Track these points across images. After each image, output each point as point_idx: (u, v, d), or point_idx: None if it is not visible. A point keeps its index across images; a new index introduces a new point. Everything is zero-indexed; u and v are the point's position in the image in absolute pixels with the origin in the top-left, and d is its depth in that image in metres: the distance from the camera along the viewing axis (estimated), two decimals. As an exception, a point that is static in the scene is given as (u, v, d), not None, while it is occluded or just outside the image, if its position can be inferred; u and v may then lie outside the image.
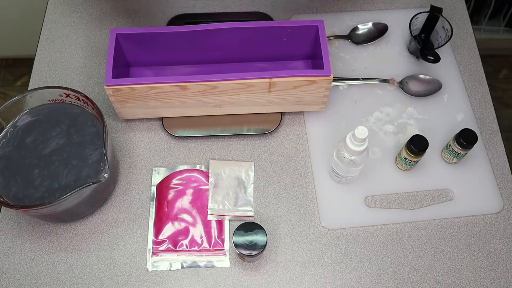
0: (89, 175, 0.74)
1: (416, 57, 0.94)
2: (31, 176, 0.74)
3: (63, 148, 0.76)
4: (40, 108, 0.79)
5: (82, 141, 0.77)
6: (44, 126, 0.78)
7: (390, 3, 1.02)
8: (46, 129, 0.78)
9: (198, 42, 0.84)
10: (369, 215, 0.81)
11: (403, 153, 0.81)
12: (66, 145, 0.77)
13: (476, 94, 0.92)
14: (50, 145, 0.77)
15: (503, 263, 0.79)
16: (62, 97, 0.78)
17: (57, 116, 0.79)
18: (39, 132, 0.78)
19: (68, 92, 0.77)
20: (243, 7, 1.00)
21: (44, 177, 0.74)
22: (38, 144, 0.77)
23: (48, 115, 0.79)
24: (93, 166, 0.75)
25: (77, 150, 0.76)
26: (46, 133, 0.78)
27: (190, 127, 0.87)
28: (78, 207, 0.76)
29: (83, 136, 0.77)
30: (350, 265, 0.78)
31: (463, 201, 0.82)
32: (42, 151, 0.76)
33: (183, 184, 0.83)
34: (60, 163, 0.75)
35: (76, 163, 0.75)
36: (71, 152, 0.76)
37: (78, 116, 0.79)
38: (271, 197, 0.83)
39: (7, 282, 0.76)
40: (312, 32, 0.83)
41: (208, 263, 0.78)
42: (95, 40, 0.96)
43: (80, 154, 0.76)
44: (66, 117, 0.79)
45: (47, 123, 0.78)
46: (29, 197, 0.73)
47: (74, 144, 0.77)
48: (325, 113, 0.89)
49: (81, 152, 0.76)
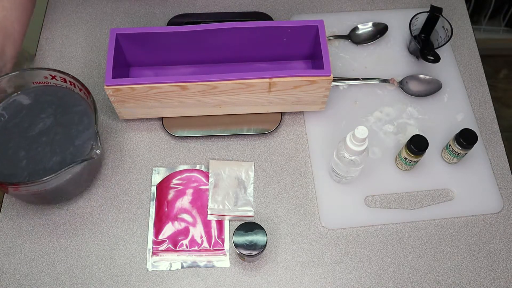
0: (77, 155, 0.74)
1: (416, 57, 0.94)
2: (17, 158, 0.74)
3: (51, 129, 0.76)
4: (26, 90, 0.79)
5: (70, 122, 0.76)
6: (30, 108, 0.78)
7: (390, 3, 1.02)
8: (32, 111, 0.77)
9: (198, 42, 0.84)
10: (369, 215, 0.81)
11: (403, 153, 0.81)
12: (54, 126, 0.76)
13: (476, 94, 0.92)
14: (37, 127, 0.76)
15: (503, 263, 0.79)
16: (47, 79, 0.78)
17: (44, 97, 0.78)
18: (25, 115, 0.77)
19: (54, 73, 0.76)
20: (243, 7, 1.00)
21: (30, 158, 0.74)
22: (24, 126, 0.76)
23: (35, 97, 0.79)
24: (81, 146, 0.75)
25: (65, 131, 0.76)
26: (32, 115, 0.77)
27: (190, 127, 0.87)
28: (67, 187, 0.75)
29: (71, 117, 0.77)
30: (350, 265, 0.78)
31: (463, 201, 0.82)
32: (28, 132, 0.76)
33: (183, 184, 0.83)
34: (47, 144, 0.75)
35: (64, 144, 0.75)
36: (59, 132, 0.76)
37: (64, 96, 0.79)
38: (271, 197, 0.83)
39: (7, 282, 0.76)
40: (312, 32, 0.83)
41: (208, 263, 0.78)
42: (95, 40, 0.96)
43: (68, 134, 0.76)
44: (53, 98, 0.78)
45: (33, 104, 0.78)
46: (17, 177, 0.73)
47: (62, 125, 0.76)
48: (325, 113, 0.89)
49: (69, 132, 0.76)
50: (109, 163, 0.85)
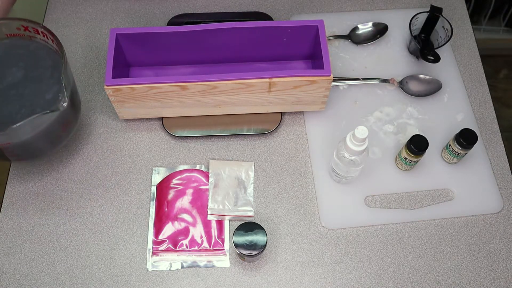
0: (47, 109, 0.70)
1: (416, 57, 0.94)
2: None
3: (20, 83, 0.74)
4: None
5: (41, 76, 0.74)
6: (0, 61, 0.75)
7: (390, 3, 1.02)
8: (2, 63, 0.75)
9: (198, 42, 0.84)
10: (369, 215, 0.81)
11: (403, 153, 0.81)
12: (24, 79, 0.74)
13: (476, 94, 0.92)
14: (6, 80, 0.74)
15: (503, 263, 0.79)
16: (20, 31, 0.75)
17: (15, 50, 0.76)
18: None
19: (26, 24, 0.73)
20: (243, 7, 1.00)
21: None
22: None
23: (5, 50, 0.76)
24: (52, 100, 0.72)
25: (35, 85, 0.74)
26: (2, 68, 0.75)
27: (190, 127, 0.87)
28: (37, 141, 0.72)
29: (42, 71, 0.74)
30: (350, 265, 0.78)
31: (463, 201, 0.82)
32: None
33: (183, 184, 0.83)
34: (16, 97, 0.72)
35: (34, 98, 0.73)
36: (28, 86, 0.73)
37: (37, 50, 0.76)
38: (271, 197, 0.83)
39: (7, 282, 0.76)
40: (312, 32, 0.83)
41: (208, 263, 0.78)
42: (95, 40, 0.96)
43: (39, 88, 0.73)
44: (25, 51, 0.76)
45: (3, 57, 0.75)
46: None
47: (32, 79, 0.74)
48: (325, 113, 0.89)
49: (39, 86, 0.73)
50: (109, 163, 0.85)
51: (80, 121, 0.83)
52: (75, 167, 0.85)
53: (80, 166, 0.85)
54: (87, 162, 0.85)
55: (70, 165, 0.85)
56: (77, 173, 0.84)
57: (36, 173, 0.84)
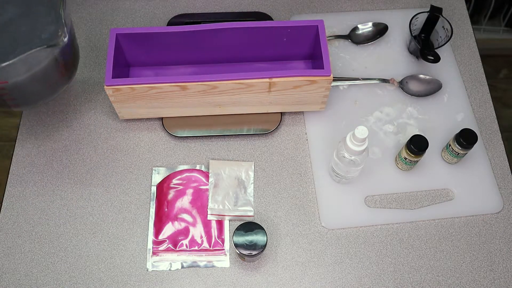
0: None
1: (416, 57, 0.94)
2: None
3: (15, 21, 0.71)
4: None
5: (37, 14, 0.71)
6: None
7: (390, 3, 1.02)
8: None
9: (198, 42, 0.84)
10: (369, 215, 0.81)
11: (403, 153, 0.81)
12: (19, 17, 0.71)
13: (476, 94, 0.92)
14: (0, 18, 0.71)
15: (503, 263, 0.79)
16: None
17: None
18: None
19: None
20: (243, 7, 1.00)
21: None
22: None
23: None
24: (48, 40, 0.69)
25: (31, 23, 0.71)
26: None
27: (190, 127, 0.87)
28: (33, 83, 0.69)
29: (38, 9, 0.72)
30: (350, 265, 0.78)
31: (463, 201, 0.82)
32: None
33: (183, 184, 0.83)
34: (10, 36, 0.70)
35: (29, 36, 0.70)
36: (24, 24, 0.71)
37: None
38: (271, 197, 0.83)
39: (7, 282, 0.76)
40: (312, 32, 0.83)
41: (208, 263, 0.78)
42: (95, 40, 0.96)
43: (34, 26, 0.70)
44: None
45: None
46: None
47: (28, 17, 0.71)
48: (325, 113, 0.89)
49: (35, 25, 0.71)
50: (109, 163, 0.85)
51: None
52: (75, 167, 0.85)
53: (80, 166, 0.85)
54: (87, 162, 0.85)
55: (70, 165, 0.85)
56: (77, 173, 0.84)
57: (36, 173, 0.84)
